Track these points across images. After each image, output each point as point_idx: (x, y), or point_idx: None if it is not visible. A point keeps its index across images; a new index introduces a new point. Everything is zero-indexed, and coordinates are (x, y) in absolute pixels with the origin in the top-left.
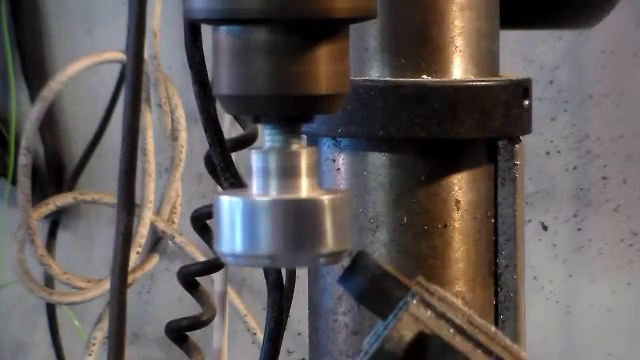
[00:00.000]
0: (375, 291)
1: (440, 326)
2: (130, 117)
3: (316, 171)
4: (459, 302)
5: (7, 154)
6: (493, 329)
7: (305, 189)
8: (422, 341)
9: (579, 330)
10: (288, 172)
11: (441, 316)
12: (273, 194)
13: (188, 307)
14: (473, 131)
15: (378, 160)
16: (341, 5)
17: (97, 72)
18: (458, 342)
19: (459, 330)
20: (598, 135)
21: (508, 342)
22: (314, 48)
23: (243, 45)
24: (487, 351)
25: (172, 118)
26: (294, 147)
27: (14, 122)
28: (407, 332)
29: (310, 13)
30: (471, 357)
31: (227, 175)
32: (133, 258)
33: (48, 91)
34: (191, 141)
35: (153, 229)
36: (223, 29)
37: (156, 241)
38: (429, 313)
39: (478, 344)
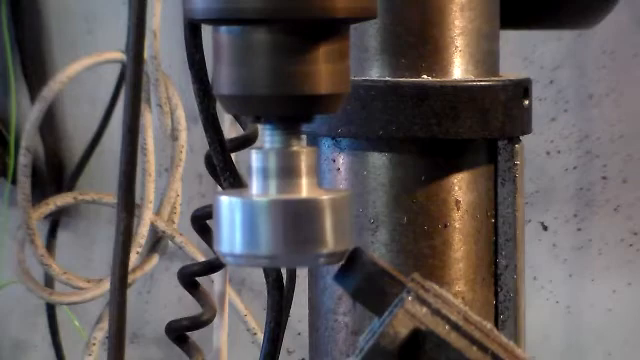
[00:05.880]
0: (371, 288)
1: (435, 323)
2: (130, 117)
3: (316, 171)
4: (454, 299)
5: (7, 154)
6: (489, 326)
7: (305, 189)
8: (417, 338)
9: (579, 330)
10: (288, 172)
11: (436, 313)
12: (273, 194)
13: (188, 307)
14: (473, 131)
15: (378, 160)
16: (341, 5)
17: (97, 72)
18: (453, 339)
19: (454, 327)
20: (598, 135)
21: (504, 339)
22: (314, 48)
23: (243, 45)
24: (483, 348)
25: (172, 118)
26: (294, 147)
27: (14, 122)
28: (402, 329)
29: (310, 13)
30: (466, 354)
31: (227, 175)
32: (133, 258)
33: (48, 91)
34: (191, 141)
35: (153, 229)
36: (223, 29)
37: (156, 241)
38: (424, 310)
39: (474, 341)
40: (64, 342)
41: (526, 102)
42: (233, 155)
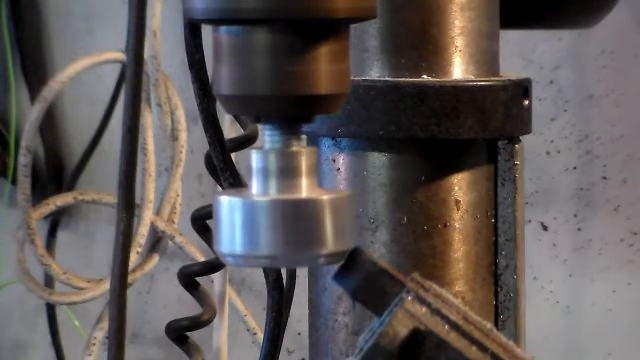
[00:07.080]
0: (370, 288)
1: (435, 322)
2: (130, 117)
3: (316, 171)
4: (454, 299)
5: (7, 154)
6: (489, 326)
7: (305, 189)
8: (417, 337)
9: (579, 330)
10: (288, 172)
11: (436, 312)
12: (273, 194)
13: (188, 307)
14: (473, 131)
15: (378, 160)
16: (341, 5)
17: (97, 72)
18: (453, 338)
19: (454, 326)
20: (598, 135)
21: (503, 339)
22: (314, 48)
23: (243, 45)
24: (482, 347)
25: (172, 118)
26: (294, 147)
27: (14, 122)
28: (402, 328)
29: (310, 13)
30: (466, 353)
31: (227, 175)
32: (133, 258)
33: (48, 91)
34: (191, 141)
35: (153, 229)
36: (223, 29)
37: (156, 241)
38: (424, 309)
39: (473, 340)
40: (64, 342)
41: (526, 102)
42: (233, 155)
